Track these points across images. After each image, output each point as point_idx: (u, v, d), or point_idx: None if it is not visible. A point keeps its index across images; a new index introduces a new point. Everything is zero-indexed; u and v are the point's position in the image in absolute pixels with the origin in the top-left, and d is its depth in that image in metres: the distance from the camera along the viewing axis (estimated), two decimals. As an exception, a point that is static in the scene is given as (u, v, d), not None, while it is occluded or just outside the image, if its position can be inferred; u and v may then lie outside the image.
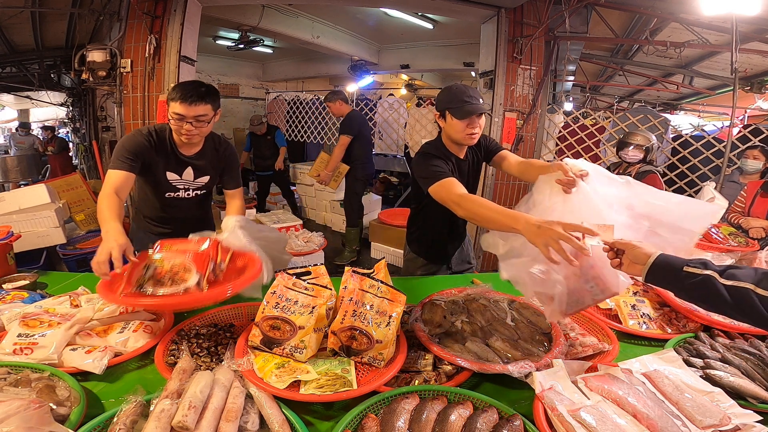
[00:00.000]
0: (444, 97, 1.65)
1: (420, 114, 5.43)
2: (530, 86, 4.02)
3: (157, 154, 1.65)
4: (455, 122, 1.59)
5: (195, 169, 1.74)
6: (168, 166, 1.69)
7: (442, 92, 1.68)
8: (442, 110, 1.64)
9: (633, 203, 1.15)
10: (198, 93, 1.52)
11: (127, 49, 3.50)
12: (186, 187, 1.77)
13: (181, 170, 1.72)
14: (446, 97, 1.63)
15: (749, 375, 1.05)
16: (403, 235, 2.14)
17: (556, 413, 0.87)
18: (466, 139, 1.63)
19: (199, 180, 1.78)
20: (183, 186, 1.76)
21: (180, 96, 1.50)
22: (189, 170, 1.74)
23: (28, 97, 6.71)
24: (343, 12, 5.99)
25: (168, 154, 1.67)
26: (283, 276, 1.17)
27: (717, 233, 2.02)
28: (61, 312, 1.20)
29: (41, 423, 0.76)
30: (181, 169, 1.72)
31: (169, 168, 1.70)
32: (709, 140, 3.56)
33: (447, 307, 1.29)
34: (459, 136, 1.63)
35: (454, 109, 1.59)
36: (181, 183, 1.75)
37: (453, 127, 1.62)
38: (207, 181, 1.80)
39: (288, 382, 0.96)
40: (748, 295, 0.75)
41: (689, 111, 7.65)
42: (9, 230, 1.71)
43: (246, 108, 9.54)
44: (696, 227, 1.15)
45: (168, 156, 1.67)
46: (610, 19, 4.06)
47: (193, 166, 1.73)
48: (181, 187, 1.76)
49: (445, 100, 1.63)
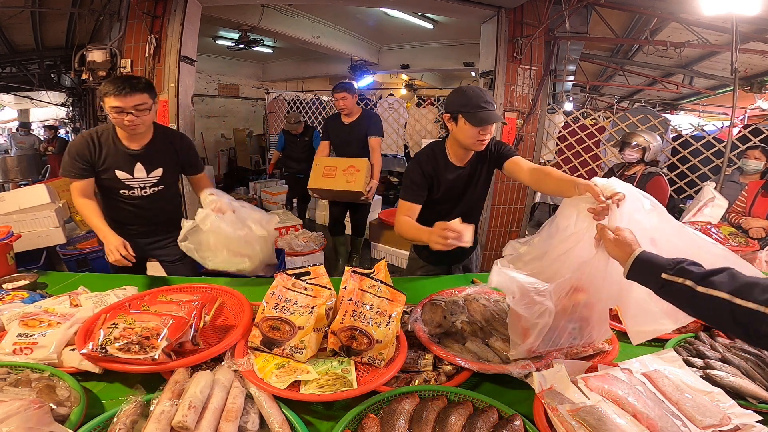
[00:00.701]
0: (458, 99, 1.56)
1: (420, 114, 5.44)
2: (530, 86, 4.02)
3: (101, 155, 1.67)
4: (467, 127, 1.53)
5: (145, 163, 1.74)
6: (116, 164, 1.70)
7: (455, 93, 1.60)
8: (454, 113, 1.56)
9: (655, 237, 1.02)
10: (130, 84, 1.56)
11: (127, 49, 3.50)
12: (141, 185, 1.77)
13: (131, 167, 1.73)
14: (461, 100, 1.55)
15: (749, 375, 1.05)
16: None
17: (556, 413, 0.87)
18: (475, 145, 1.58)
19: (152, 175, 1.77)
20: (138, 184, 1.76)
21: (114, 90, 1.54)
22: (139, 166, 1.74)
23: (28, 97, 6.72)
24: (343, 12, 5.99)
25: (114, 153, 1.69)
26: (283, 276, 1.17)
27: (717, 233, 2.03)
28: (61, 312, 1.20)
29: (41, 423, 0.76)
30: (130, 166, 1.73)
31: (118, 167, 1.71)
32: (709, 140, 3.56)
33: (447, 307, 1.29)
34: (469, 142, 1.58)
35: (468, 114, 1.51)
36: (134, 181, 1.75)
37: (464, 132, 1.55)
38: (161, 174, 1.79)
39: (288, 382, 0.96)
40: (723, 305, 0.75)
41: (689, 111, 7.66)
42: (9, 230, 1.71)
43: (246, 108, 9.55)
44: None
45: (115, 155, 1.69)
46: (610, 19, 4.06)
47: (143, 160, 1.74)
48: (136, 185, 1.76)
49: (459, 103, 1.55)
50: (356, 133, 3.20)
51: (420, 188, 1.66)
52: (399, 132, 5.75)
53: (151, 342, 0.99)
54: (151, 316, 1.07)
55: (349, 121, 3.23)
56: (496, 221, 4.29)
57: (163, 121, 3.52)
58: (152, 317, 1.07)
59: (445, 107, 1.63)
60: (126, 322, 1.04)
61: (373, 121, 3.24)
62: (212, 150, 8.58)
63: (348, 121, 3.22)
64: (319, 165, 3.11)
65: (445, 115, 1.61)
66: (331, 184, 3.03)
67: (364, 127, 3.19)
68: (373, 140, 3.19)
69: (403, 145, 5.78)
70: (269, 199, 5.90)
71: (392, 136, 5.79)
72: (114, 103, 1.55)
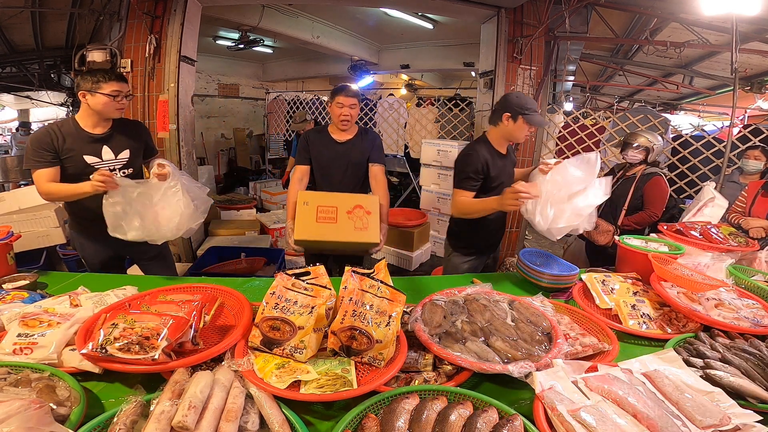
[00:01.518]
0: (519, 102, 1.91)
1: (420, 114, 5.44)
2: (530, 86, 4.02)
3: (64, 142, 1.76)
4: (524, 126, 1.92)
5: (111, 146, 1.85)
6: (83, 149, 1.79)
7: (516, 98, 1.94)
8: (515, 113, 1.90)
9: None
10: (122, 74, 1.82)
11: (127, 49, 3.50)
12: (110, 167, 1.84)
13: (98, 150, 1.82)
14: (521, 102, 1.90)
15: (749, 375, 1.05)
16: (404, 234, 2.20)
17: (556, 413, 0.87)
18: (522, 139, 2.00)
19: (120, 157, 1.88)
20: (107, 167, 1.83)
21: (116, 77, 1.77)
22: (106, 149, 1.84)
23: (28, 97, 6.72)
24: (343, 12, 5.99)
25: (78, 138, 1.78)
26: (283, 276, 1.17)
27: (717, 233, 2.02)
28: (61, 312, 1.20)
29: (41, 423, 0.76)
30: (97, 149, 1.82)
31: (85, 151, 1.79)
32: (709, 140, 3.56)
33: (447, 307, 1.29)
34: (520, 136, 1.96)
35: (527, 115, 1.89)
36: (103, 164, 1.83)
37: (521, 129, 1.93)
38: (129, 156, 1.90)
39: (288, 382, 0.96)
40: None
41: (689, 111, 7.67)
42: (9, 230, 1.71)
43: (246, 108, 9.56)
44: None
45: (80, 140, 1.78)
46: (610, 19, 4.06)
47: (108, 143, 1.84)
48: (105, 168, 1.81)
49: (521, 105, 1.89)
50: (351, 156, 2.27)
51: (475, 179, 1.96)
52: (399, 132, 5.75)
53: (151, 342, 0.99)
54: (151, 316, 1.07)
55: (343, 138, 2.27)
56: (496, 221, 4.29)
57: (163, 121, 3.53)
58: (152, 317, 1.07)
59: (504, 107, 1.95)
60: (126, 322, 1.04)
61: (376, 144, 2.34)
62: (212, 150, 8.58)
63: (342, 138, 2.27)
64: (307, 204, 1.92)
65: (506, 114, 1.93)
66: (331, 234, 1.90)
67: (363, 150, 2.29)
68: (378, 169, 2.30)
69: (403, 145, 5.78)
70: (269, 199, 5.89)
71: (392, 136, 5.79)
72: (115, 87, 1.74)
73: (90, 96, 1.74)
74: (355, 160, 2.28)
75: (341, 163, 2.27)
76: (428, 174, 4.68)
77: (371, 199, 2.03)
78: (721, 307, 1.36)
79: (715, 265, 1.68)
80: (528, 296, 1.49)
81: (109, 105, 1.76)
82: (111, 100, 1.75)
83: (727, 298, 1.41)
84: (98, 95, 1.73)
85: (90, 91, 1.73)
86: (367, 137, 2.31)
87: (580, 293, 1.62)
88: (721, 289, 1.46)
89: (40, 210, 2.66)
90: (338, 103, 2.17)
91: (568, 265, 1.82)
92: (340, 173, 2.27)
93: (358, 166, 2.29)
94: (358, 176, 2.30)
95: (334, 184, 2.24)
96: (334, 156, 2.26)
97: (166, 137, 3.55)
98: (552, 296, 1.63)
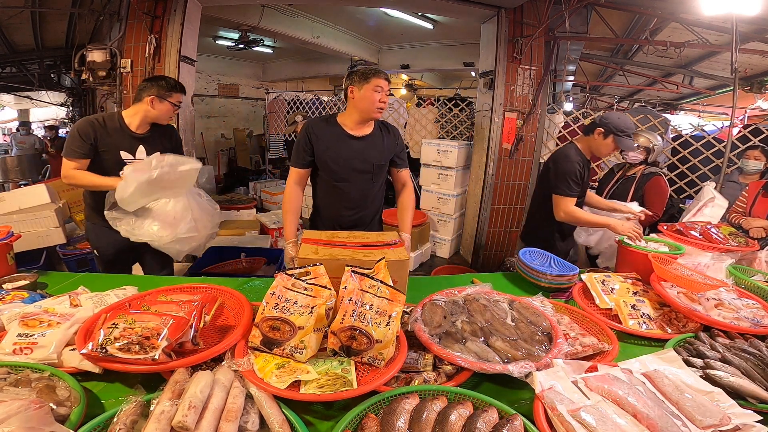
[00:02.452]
0: (617, 122, 2.02)
1: (420, 114, 5.43)
2: (530, 86, 4.02)
3: (106, 136, 1.86)
4: (612, 145, 2.06)
5: (147, 146, 1.95)
6: (121, 145, 1.89)
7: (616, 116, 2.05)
8: (608, 130, 2.03)
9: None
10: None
11: (127, 49, 3.50)
12: None
13: (134, 148, 1.93)
14: (619, 124, 2.01)
15: (749, 375, 1.05)
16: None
17: (556, 413, 0.87)
18: (604, 155, 2.19)
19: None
20: None
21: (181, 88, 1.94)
22: (141, 148, 1.94)
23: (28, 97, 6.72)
24: (343, 12, 6.00)
25: (119, 134, 1.89)
26: (283, 276, 1.17)
27: (717, 233, 2.02)
28: (61, 312, 1.19)
29: (41, 423, 0.76)
30: (133, 147, 1.92)
31: (123, 147, 1.90)
32: (709, 140, 3.56)
33: (447, 307, 1.29)
34: (604, 152, 2.12)
35: (620, 137, 2.02)
36: (134, 161, 1.90)
37: (607, 147, 2.08)
38: None
39: (288, 382, 0.96)
40: None
41: (689, 111, 7.66)
42: (9, 230, 1.71)
43: (246, 108, 9.56)
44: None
45: (120, 136, 1.89)
46: (610, 19, 4.06)
47: (145, 144, 1.94)
48: None
49: (617, 126, 2.01)
50: (371, 156, 1.84)
51: (578, 183, 2.10)
52: (399, 132, 5.75)
53: (151, 342, 0.99)
54: (151, 316, 1.07)
55: (362, 132, 1.83)
56: (496, 221, 4.30)
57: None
58: (152, 317, 1.06)
59: (601, 122, 2.07)
60: (126, 322, 1.04)
61: (400, 144, 1.94)
62: (212, 150, 8.58)
63: (360, 132, 1.83)
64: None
65: (600, 129, 2.06)
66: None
67: (384, 150, 1.87)
68: (407, 174, 1.96)
69: (403, 145, 5.77)
70: (269, 199, 5.90)
71: (392, 136, 5.79)
72: (181, 98, 1.94)
73: (158, 101, 1.87)
74: (376, 161, 1.84)
75: (358, 165, 1.81)
76: (428, 174, 4.68)
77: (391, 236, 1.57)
78: (721, 307, 1.37)
79: (715, 265, 1.68)
80: (528, 296, 1.49)
81: (169, 113, 1.93)
82: (173, 109, 1.93)
83: (727, 298, 1.41)
84: (166, 102, 1.89)
85: (161, 97, 1.87)
86: (389, 134, 1.89)
87: (580, 293, 1.62)
88: (721, 289, 1.46)
89: (40, 210, 2.66)
90: (377, 86, 1.71)
91: (568, 265, 1.82)
92: (358, 178, 1.83)
93: (378, 169, 1.87)
94: (377, 183, 1.89)
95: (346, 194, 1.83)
96: (349, 155, 1.79)
97: (166, 137, 3.56)
98: (552, 296, 1.63)
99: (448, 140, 4.76)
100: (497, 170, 4.12)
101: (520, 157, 4.12)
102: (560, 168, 2.10)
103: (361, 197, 1.87)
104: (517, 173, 4.18)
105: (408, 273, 1.46)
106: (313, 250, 1.40)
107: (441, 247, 4.67)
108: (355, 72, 1.80)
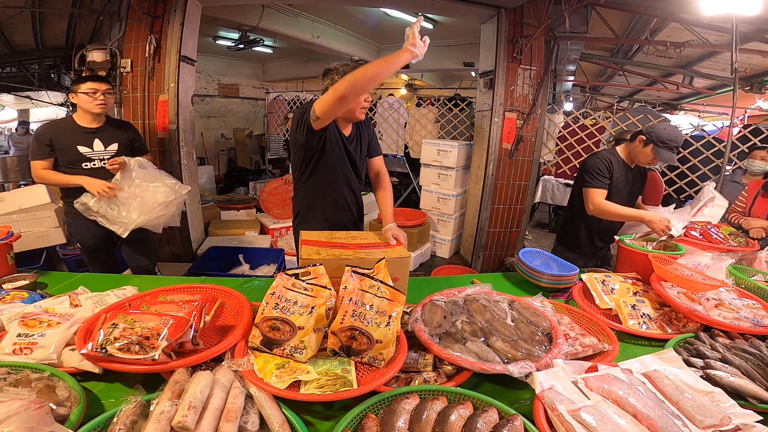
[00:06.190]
0: (661, 133, 2.00)
1: (420, 114, 5.43)
2: (530, 86, 4.02)
3: (62, 135, 2.12)
4: (650, 154, 2.06)
5: (102, 139, 2.19)
6: (77, 141, 2.13)
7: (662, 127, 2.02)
8: (650, 139, 2.03)
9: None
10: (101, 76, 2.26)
11: (127, 49, 3.50)
12: (100, 157, 2.19)
13: (90, 142, 2.17)
14: (663, 135, 1.99)
15: (749, 375, 1.05)
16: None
17: (556, 413, 0.87)
18: (643, 164, 2.17)
19: (109, 148, 2.22)
20: (98, 156, 2.18)
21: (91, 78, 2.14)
22: (97, 141, 2.18)
23: (28, 97, 6.71)
24: (343, 12, 6.00)
25: (74, 132, 2.14)
26: (283, 276, 1.17)
27: (717, 233, 2.02)
28: (61, 312, 1.19)
29: (41, 423, 0.76)
30: (89, 141, 2.17)
31: (79, 142, 2.14)
32: (709, 140, 3.56)
33: (447, 308, 1.29)
34: (642, 160, 2.13)
35: (660, 148, 2.00)
36: (94, 154, 2.17)
37: (645, 155, 2.09)
38: (117, 148, 2.23)
39: (288, 382, 0.96)
40: None
41: (689, 111, 7.66)
42: (9, 230, 1.71)
43: (246, 108, 9.56)
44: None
45: (74, 133, 2.14)
46: (610, 19, 4.06)
47: (100, 137, 2.19)
48: (96, 158, 2.18)
49: (660, 136, 2.00)
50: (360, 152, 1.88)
51: (606, 176, 2.11)
52: (399, 132, 5.74)
53: (151, 342, 0.99)
54: (151, 316, 1.07)
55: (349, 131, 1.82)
56: (496, 221, 4.29)
57: (162, 121, 3.53)
58: (152, 317, 1.07)
59: (647, 130, 2.07)
60: (126, 322, 1.04)
61: (374, 132, 1.98)
62: (212, 150, 8.58)
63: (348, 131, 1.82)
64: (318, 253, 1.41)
65: (642, 137, 2.08)
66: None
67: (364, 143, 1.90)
68: (381, 161, 2.00)
69: (403, 145, 5.78)
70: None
71: (392, 136, 5.79)
72: (91, 86, 2.10)
73: (74, 95, 2.12)
74: (363, 156, 1.89)
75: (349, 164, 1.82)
76: (428, 174, 4.68)
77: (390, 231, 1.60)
78: (721, 307, 1.36)
79: (715, 265, 1.68)
80: (528, 296, 1.49)
81: (88, 101, 2.11)
82: (88, 97, 2.10)
83: (727, 298, 1.41)
84: (80, 94, 2.10)
85: (72, 91, 2.13)
86: (365, 127, 1.89)
87: (580, 293, 1.62)
88: (721, 289, 1.46)
89: (40, 210, 2.65)
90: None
91: (568, 265, 1.82)
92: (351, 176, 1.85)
93: (362, 164, 1.91)
94: (360, 177, 1.93)
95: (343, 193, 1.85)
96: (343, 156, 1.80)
97: (166, 137, 3.56)
98: (552, 296, 1.63)
99: (448, 140, 4.76)
100: (497, 170, 4.12)
101: (520, 157, 4.12)
102: (587, 164, 2.20)
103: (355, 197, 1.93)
104: (517, 173, 4.18)
105: (409, 270, 1.48)
106: (314, 251, 1.42)
107: (441, 247, 4.67)
108: (334, 70, 1.65)
